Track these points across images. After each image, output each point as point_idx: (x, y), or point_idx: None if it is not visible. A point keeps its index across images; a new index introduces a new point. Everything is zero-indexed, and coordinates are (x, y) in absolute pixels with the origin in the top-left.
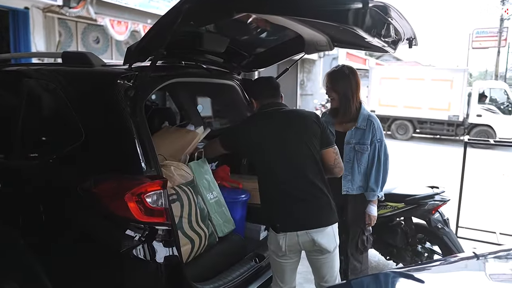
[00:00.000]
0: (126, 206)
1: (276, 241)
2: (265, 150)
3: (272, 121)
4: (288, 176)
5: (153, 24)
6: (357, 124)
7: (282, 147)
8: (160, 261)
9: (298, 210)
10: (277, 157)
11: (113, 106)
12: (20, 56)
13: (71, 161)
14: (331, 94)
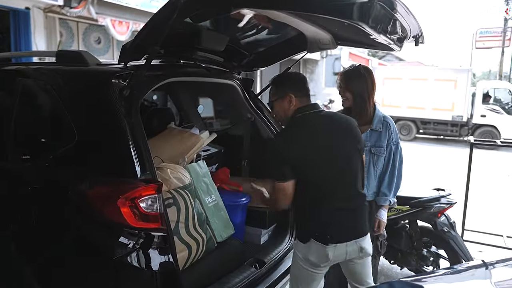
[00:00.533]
0: (119, 211)
1: (323, 253)
2: (318, 160)
3: (321, 128)
4: (341, 187)
5: (148, 20)
6: (373, 126)
7: (336, 156)
8: (154, 268)
9: (349, 220)
10: (330, 166)
11: (107, 106)
12: (12, 56)
13: (63, 164)
14: (344, 94)
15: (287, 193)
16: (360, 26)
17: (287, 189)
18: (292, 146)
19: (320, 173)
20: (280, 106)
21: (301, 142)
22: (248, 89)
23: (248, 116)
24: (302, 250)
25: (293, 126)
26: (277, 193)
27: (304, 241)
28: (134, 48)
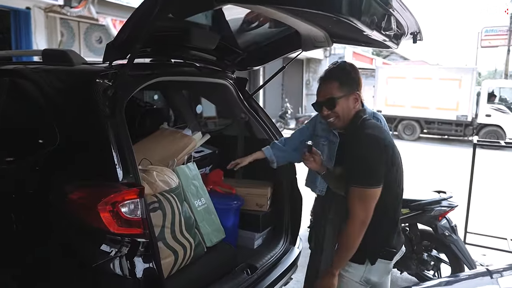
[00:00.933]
0: (99, 216)
1: (387, 269)
2: (396, 165)
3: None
4: (401, 196)
5: (129, 17)
6: None
7: (401, 164)
8: (137, 276)
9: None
10: (402, 174)
11: (89, 107)
12: None
13: (45, 167)
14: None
15: (376, 201)
16: (351, 22)
17: (378, 196)
18: (385, 148)
19: (396, 182)
20: (345, 105)
21: (390, 146)
22: (242, 89)
23: (242, 116)
24: (359, 273)
25: (375, 128)
26: (369, 202)
27: (372, 262)
28: (117, 46)
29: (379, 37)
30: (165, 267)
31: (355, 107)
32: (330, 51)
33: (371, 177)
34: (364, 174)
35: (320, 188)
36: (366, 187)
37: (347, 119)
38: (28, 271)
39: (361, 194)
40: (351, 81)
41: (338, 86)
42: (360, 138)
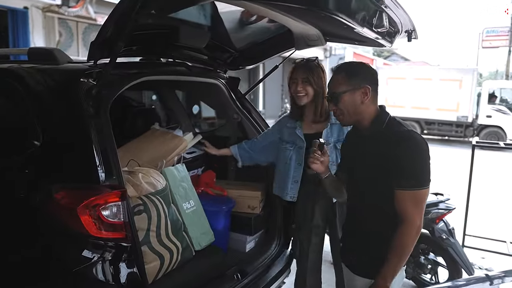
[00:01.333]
0: (79, 219)
1: (402, 276)
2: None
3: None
4: None
5: (109, 14)
6: (331, 120)
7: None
8: (119, 281)
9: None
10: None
11: (73, 106)
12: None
13: (28, 168)
14: (305, 89)
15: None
16: (339, 18)
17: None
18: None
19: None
20: (351, 100)
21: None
22: (234, 89)
23: (234, 117)
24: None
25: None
26: (423, 204)
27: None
28: (101, 44)
29: (371, 35)
30: (150, 271)
31: (363, 102)
32: (331, 51)
33: (423, 176)
34: (414, 175)
35: (291, 194)
36: (419, 188)
37: (356, 116)
38: (8, 274)
39: (415, 197)
40: (359, 74)
41: (344, 79)
42: (401, 136)
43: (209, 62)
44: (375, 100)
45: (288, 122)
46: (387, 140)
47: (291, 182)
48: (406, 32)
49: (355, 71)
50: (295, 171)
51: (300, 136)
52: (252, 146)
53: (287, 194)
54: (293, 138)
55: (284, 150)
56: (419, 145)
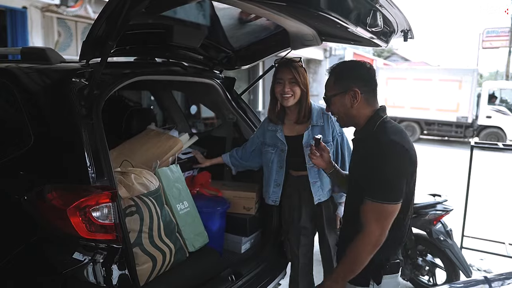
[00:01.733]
0: (69, 221)
1: (395, 284)
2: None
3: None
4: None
5: (99, 13)
6: (313, 121)
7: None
8: (109, 283)
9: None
10: (415, 184)
11: (64, 106)
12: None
13: (18, 169)
14: (292, 90)
15: (393, 219)
16: (332, 17)
17: (397, 212)
18: (408, 158)
19: (410, 196)
20: (340, 103)
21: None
22: (230, 89)
23: (230, 117)
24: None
25: (396, 133)
26: (387, 219)
27: (378, 281)
28: (92, 43)
29: (366, 34)
30: (142, 273)
31: (353, 106)
32: (331, 51)
33: (390, 192)
34: (382, 188)
35: (273, 198)
36: (384, 202)
37: (349, 119)
38: None
39: (378, 209)
40: (347, 77)
41: (333, 83)
42: (379, 145)
43: (205, 62)
44: (370, 102)
45: (269, 125)
46: (370, 147)
47: (273, 186)
48: (402, 32)
49: (343, 74)
50: (276, 174)
51: (281, 139)
52: (243, 154)
53: (269, 198)
54: (275, 141)
55: (266, 153)
56: (394, 161)
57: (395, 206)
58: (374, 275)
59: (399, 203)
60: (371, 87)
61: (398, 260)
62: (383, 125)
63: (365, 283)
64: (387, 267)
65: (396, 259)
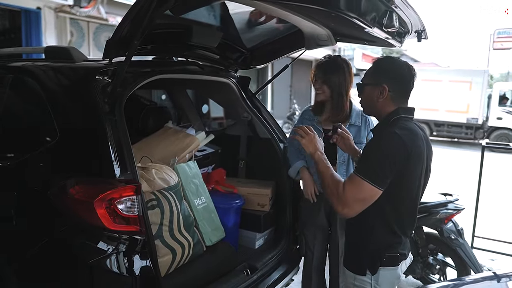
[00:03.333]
0: (95, 212)
1: (394, 277)
2: (415, 173)
3: (422, 139)
4: (413, 211)
5: (126, 13)
6: (351, 120)
7: (426, 175)
8: (133, 273)
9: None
10: (421, 183)
11: (88, 103)
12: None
13: (44, 163)
14: (321, 87)
15: (369, 203)
16: (350, 18)
17: (374, 198)
18: (402, 150)
19: (410, 196)
20: (368, 93)
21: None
22: (245, 88)
23: (244, 116)
24: (366, 285)
25: (407, 130)
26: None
27: (373, 272)
28: (116, 43)
29: (381, 35)
30: (163, 265)
31: (378, 100)
32: (339, 52)
33: (372, 172)
34: (366, 165)
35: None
36: (363, 178)
37: (371, 110)
38: (26, 266)
39: (356, 182)
40: (383, 72)
41: (370, 73)
42: (383, 134)
43: (221, 61)
44: (397, 101)
45: (307, 115)
46: (375, 136)
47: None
48: (416, 32)
49: (381, 68)
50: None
51: (318, 128)
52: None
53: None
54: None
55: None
56: (386, 148)
57: (372, 187)
58: (370, 265)
59: (376, 187)
60: (402, 89)
61: (397, 254)
62: (397, 121)
63: (362, 273)
64: (384, 259)
65: (396, 252)
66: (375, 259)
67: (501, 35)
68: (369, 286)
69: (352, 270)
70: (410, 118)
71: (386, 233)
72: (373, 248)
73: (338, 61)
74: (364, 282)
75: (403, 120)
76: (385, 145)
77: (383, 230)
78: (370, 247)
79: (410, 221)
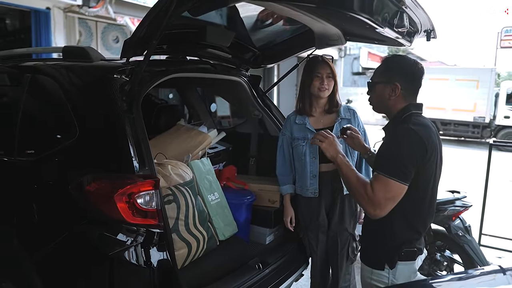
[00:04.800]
0: (116, 206)
1: (411, 271)
2: (432, 168)
3: (436, 134)
4: (430, 204)
5: (146, 14)
6: (341, 115)
7: (441, 165)
8: (151, 265)
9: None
10: (436, 177)
11: (108, 102)
12: (18, 53)
13: (64, 159)
14: (329, 83)
15: (397, 200)
16: (363, 18)
17: (401, 194)
18: (423, 149)
19: (427, 189)
20: (380, 91)
21: (429, 145)
22: (256, 86)
23: (255, 114)
24: (383, 279)
25: (421, 126)
26: (389, 192)
27: (391, 266)
28: (135, 43)
29: (392, 35)
30: (179, 258)
31: (390, 98)
32: (345, 51)
33: (396, 169)
34: (389, 164)
35: (312, 190)
36: (389, 177)
37: (382, 108)
38: (48, 258)
39: (383, 181)
40: (394, 70)
41: (381, 71)
42: (397, 131)
43: (232, 60)
44: (408, 99)
45: (296, 118)
46: (391, 133)
47: (309, 177)
48: (425, 32)
49: (392, 66)
50: (311, 165)
51: (311, 129)
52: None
53: (308, 190)
54: (304, 133)
55: (297, 147)
56: (406, 144)
57: (400, 184)
58: (388, 259)
59: (403, 184)
60: (413, 86)
61: (415, 249)
62: (409, 117)
63: (380, 267)
64: (402, 253)
65: (413, 247)
66: (393, 253)
67: (508, 33)
68: (386, 280)
69: (370, 264)
70: (420, 114)
71: (406, 228)
72: (392, 243)
73: (325, 57)
74: (381, 276)
75: (415, 116)
76: (403, 141)
77: (402, 225)
78: (389, 242)
79: (429, 215)
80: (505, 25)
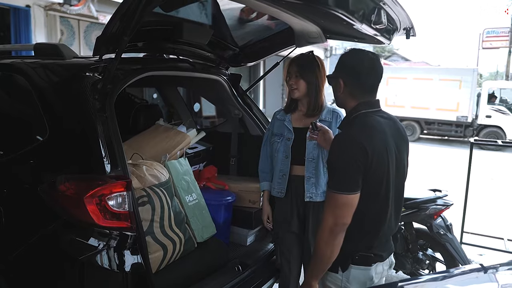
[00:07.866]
0: (86, 209)
1: (365, 277)
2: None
3: (386, 133)
4: (394, 201)
5: (115, 10)
6: (322, 116)
7: (397, 168)
8: (124, 270)
9: (391, 233)
10: (389, 178)
11: (78, 100)
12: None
13: (34, 160)
14: (297, 83)
15: (352, 209)
16: (339, 14)
17: (354, 203)
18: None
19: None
20: (334, 86)
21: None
22: (236, 85)
23: (236, 113)
24: (337, 282)
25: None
26: (340, 208)
27: (343, 268)
28: (106, 40)
29: (370, 32)
30: (154, 261)
31: (338, 94)
32: (331, 51)
33: (339, 182)
34: (333, 178)
35: (278, 189)
36: (336, 192)
37: (340, 103)
38: (15, 263)
39: (331, 199)
40: (340, 65)
41: (336, 66)
42: (337, 138)
43: (212, 58)
44: (357, 96)
45: (279, 114)
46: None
47: (278, 176)
48: (405, 29)
49: (340, 61)
50: (282, 164)
51: (288, 127)
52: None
53: (274, 189)
54: (282, 130)
55: (273, 144)
56: (344, 153)
57: (348, 196)
58: (341, 262)
59: (352, 194)
60: (359, 82)
61: (371, 254)
62: (354, 119)
63: (335, 269)
64: (356, 257)
65: (370, 252)
66: (347, 256)
67: (490, 34)
68: (339, 283)
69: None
70: (373, 112)
71: (361, 233)
72: (347, 246)
73: (311, 57)
74: (336, 278)
75: (361, 116)
76: (342, 151)
77: (357, 230)
78: (344, 245)
79: (385, 220)
80: (487, 26)
